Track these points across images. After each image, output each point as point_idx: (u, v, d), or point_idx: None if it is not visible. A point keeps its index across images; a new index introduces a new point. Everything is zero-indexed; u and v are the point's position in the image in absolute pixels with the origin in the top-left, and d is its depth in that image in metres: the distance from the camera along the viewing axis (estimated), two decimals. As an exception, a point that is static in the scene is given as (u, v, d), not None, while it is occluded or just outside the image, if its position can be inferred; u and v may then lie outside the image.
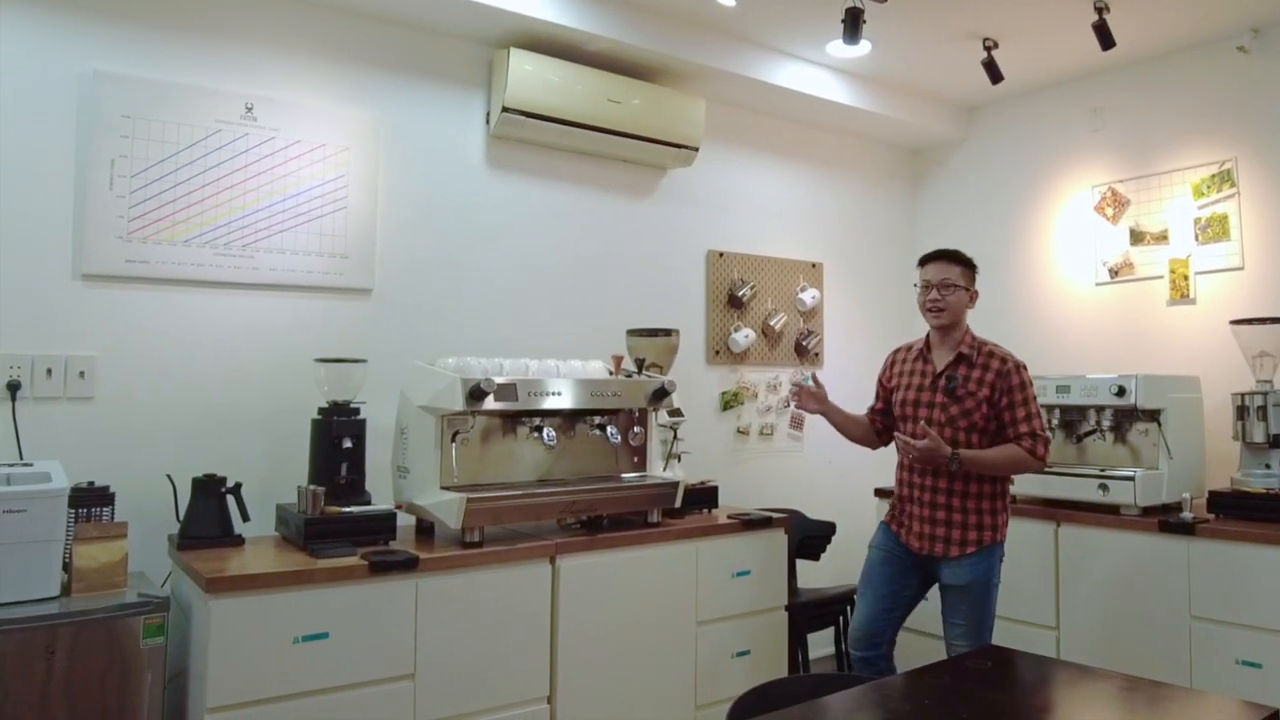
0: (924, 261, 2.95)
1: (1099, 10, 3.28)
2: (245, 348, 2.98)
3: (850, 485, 4.36)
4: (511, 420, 2.89)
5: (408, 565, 2.47)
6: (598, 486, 2.90)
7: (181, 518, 2.69)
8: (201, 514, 2.66)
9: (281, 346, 3.04)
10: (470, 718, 2.56)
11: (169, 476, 2.75)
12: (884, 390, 3.08)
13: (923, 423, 2.81)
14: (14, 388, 2.62)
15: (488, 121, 3.48)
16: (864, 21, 3.21)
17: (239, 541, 2.67)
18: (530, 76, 3.37)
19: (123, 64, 2.81)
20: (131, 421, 2.78)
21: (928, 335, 2.98)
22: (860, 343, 4.58)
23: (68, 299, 2.72)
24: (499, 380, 2.71)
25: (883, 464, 4.07)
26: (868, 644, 2.95)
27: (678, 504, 3.06)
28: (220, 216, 2.95)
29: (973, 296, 2.93)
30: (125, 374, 2.79)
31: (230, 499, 2.71)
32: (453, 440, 2.74)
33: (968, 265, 2.92)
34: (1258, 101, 3.57)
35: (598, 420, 2.98)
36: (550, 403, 2.81)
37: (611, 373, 3.10)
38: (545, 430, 2.82)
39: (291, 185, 3.08)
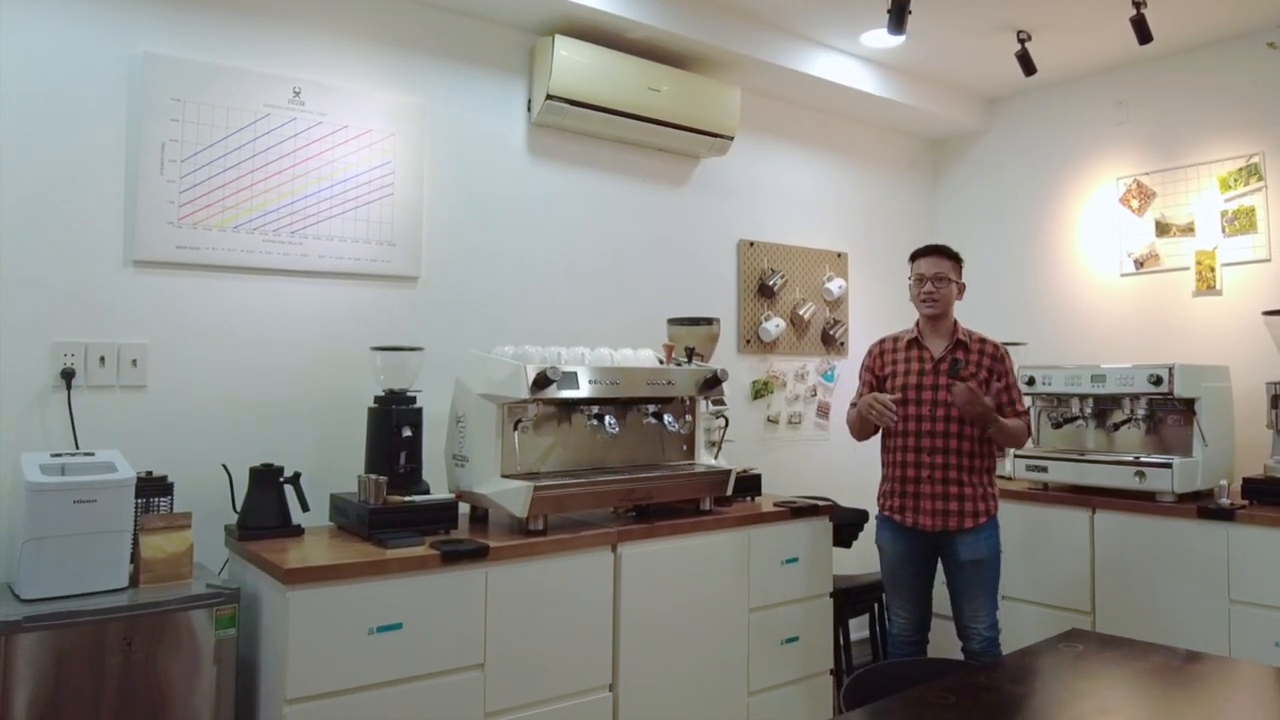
0: (917, 255, 3.10)
1: (1137, 5, 3.33)
2: (293, 335, 2.95)
3: (874, 474, 4.39)
4: (566, 408, 2.89)
5: (478, 554, 2.46)
6: (656, 474, 2.91)
7: (239, 507, 2.67)
8: (260, 504, 2.64)
9: (329, 334, 3.01)
10: (537, 707, 2.56)
11: (225, 466, 2.72)
12: (875, 379, 3.14)
13: (966, 383, 2.91)
14: (68, 375, 2.57)
15: (529, 109, 3.46)
16: (910, 11, 3.23)
17: (298, 532, 2.65)
18: (574, 64, 3.36)
19: (173, 46, 2.76)
20: (182, 409, 2.75)
21: (917, 325, 3.11)
22: (883, 332, 4.60)
23: (119, 285, 2.67)
24: (562, 369, 2.70)
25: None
26: (917, 630, 3.08)
27: (729, 492, 3.08)
28: (269, 202, 2.91)
29: (961, 288, 3.08)
30: (176, 361, 2.75)
31: (288, 488, 2.69)
32: (515, 428, 2.74)
33: (957, 260, 3.08)
34: (1287, 96, 3.64)
35: (652, 408, 2.99)
36: (608, 391, 2.81)
37: (661, 361, 3.10)
38: (607, 418, 2.82)
39: (339, 171, 3.04)
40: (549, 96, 3.33)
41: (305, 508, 2.69)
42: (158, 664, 2.21)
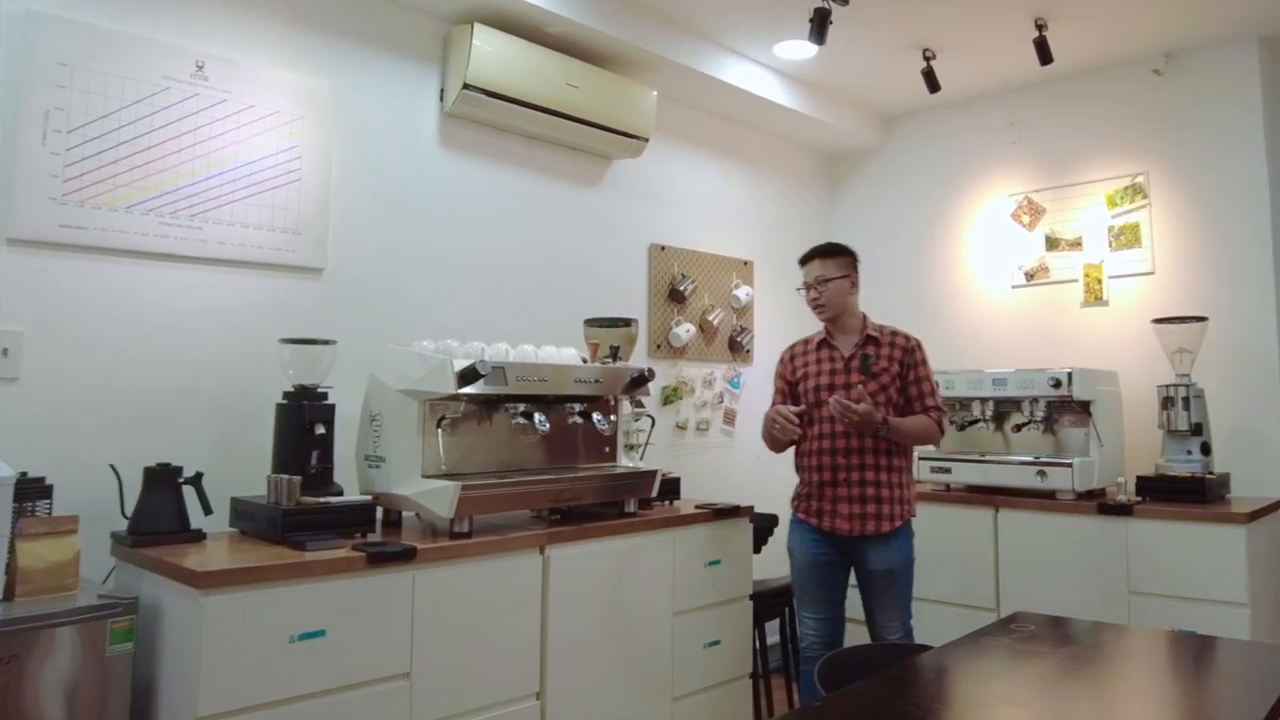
0: (800, 265, 3.07)
1: (1040, 27, 3.50)
2: (188, 326, 2.72)
3: (776, 480, 4.43)
4: (488, 407, 2.77)
5: (406, 556, 2.31)
6: (583, 475, 2.81)
7: (128, 512, 2.42)
8: (156, 507, 2.40)
9: (227, 326, 2.79)
10: (464, 718, 2.42)
11: (113, 466, 2.48)
12: (788, 385, 3.10)
13: (859, 387, 2.87)
14: (-71, 364, 2.28)
15: (442, 99, 3.34)
16: (831, 22, 3.29)
17: (199, 537, 2.43)
18: (492, 54, 3.26)
19: (61, 5, 2.51)
20: (60, 405, 2.48)
21: (826, 327, 3.07)
22: (786, 341, 4.66)
23: (-8, 266, 2.40)
24: (491, 364, 2.59)
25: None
26: (827, 647, 2.97)
27: (654, 494, 3.02)
28: (166, 182, 2.69)
29: (854, 282, 3.04)
30: (55, 352, 2.48)
31: (187, 490, 2.47)
32: (438, 426, 2.60)
33: (840, 254, 3.03)
34: (1169, 120, 3.90)
35: (579, 407, 2.90)
36: (536, 388, 2.71)
37: (585, 360, 3.02)
38: (536, 416, 2.71)
39: (243, 153, 2.84)
40: (465, 86, 3.22)
41: (208, 511, 2.47)
42: (41, 684, 1.96)
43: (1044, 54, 3.55)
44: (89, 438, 2.51)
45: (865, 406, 2.79)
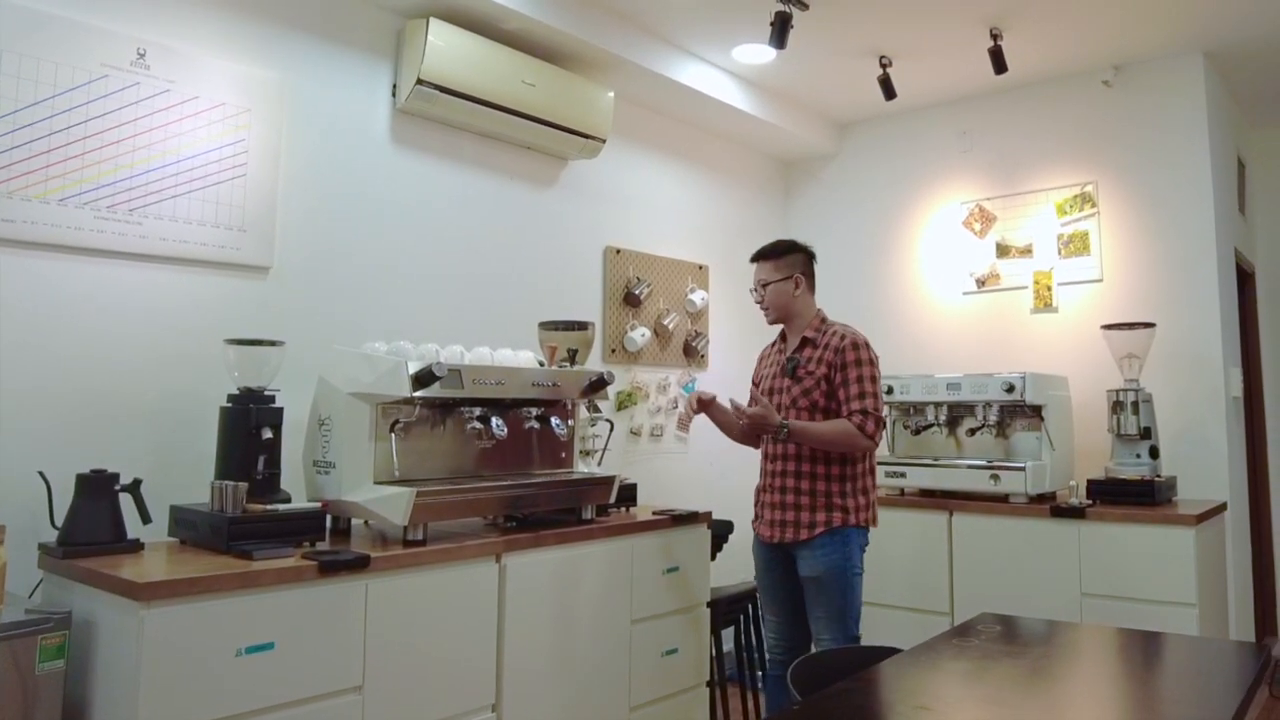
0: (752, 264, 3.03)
1: (995, 36, 3.53)
2: (126, 326, 2.59)
3: (731, 486, 4.42)
4: (441, 411, 2.69)
5: (359, 564, 2.22)
6: (540, 480, 2.75)
7: (59, 521, 2.29)
8: (91, 516, 2.28)
9: (167, 326, 2.67)
10: (418, 732, 2.34)
11: (41, 473, 2.34)
12: (755, 389, 3.05)
13: (758, 390, 2.86)
14: None
15: (394, 95, 3.25)
16: (792, 26, 3.27)
17: (136, 547, 2.30)
18: (447, 49, 3.19)
19: (-9, -14, 2.38)
20: (-13, 409, 2.34)
21: (782, 328, 3.04)
22: (741, 347, 4.67)
23: (-87, 259, 2.26)
24: (447, 366, 2.51)
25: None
26: (787, 652, 2.95)
27: (612, 499, 2.97)
28: (104, 174, 2.56)
29: (797, 282, 2.91)
30: (-18, 352, 2.35)
31: (124, 498, 2.34)
32: (391, 430, 2.52)
33: (784, 255, 2.93)
34: (1117, 130, 3.97)
35: (535, 411, 2.83)
36: (494, 391, 2.64)
37: (542, 363, 2.96)
38: (493, 420, 2.64)
39: (186, 146, 2.72)
40: (419, 81, 3.14)
41: (147, 519, 2.35)
42: (-34, 705, 1.84)
43: (998, 63, 3.59)
44: (15, 443, 2.37)
45: (756, 410, 2.71)
